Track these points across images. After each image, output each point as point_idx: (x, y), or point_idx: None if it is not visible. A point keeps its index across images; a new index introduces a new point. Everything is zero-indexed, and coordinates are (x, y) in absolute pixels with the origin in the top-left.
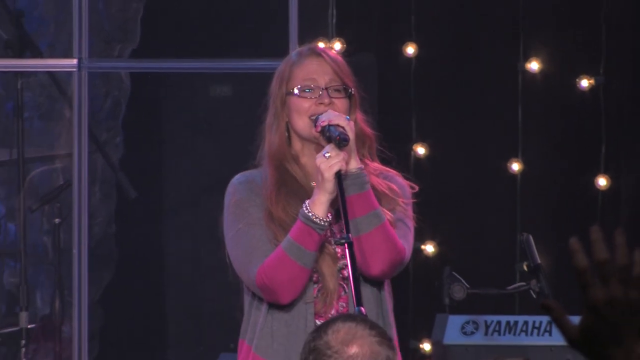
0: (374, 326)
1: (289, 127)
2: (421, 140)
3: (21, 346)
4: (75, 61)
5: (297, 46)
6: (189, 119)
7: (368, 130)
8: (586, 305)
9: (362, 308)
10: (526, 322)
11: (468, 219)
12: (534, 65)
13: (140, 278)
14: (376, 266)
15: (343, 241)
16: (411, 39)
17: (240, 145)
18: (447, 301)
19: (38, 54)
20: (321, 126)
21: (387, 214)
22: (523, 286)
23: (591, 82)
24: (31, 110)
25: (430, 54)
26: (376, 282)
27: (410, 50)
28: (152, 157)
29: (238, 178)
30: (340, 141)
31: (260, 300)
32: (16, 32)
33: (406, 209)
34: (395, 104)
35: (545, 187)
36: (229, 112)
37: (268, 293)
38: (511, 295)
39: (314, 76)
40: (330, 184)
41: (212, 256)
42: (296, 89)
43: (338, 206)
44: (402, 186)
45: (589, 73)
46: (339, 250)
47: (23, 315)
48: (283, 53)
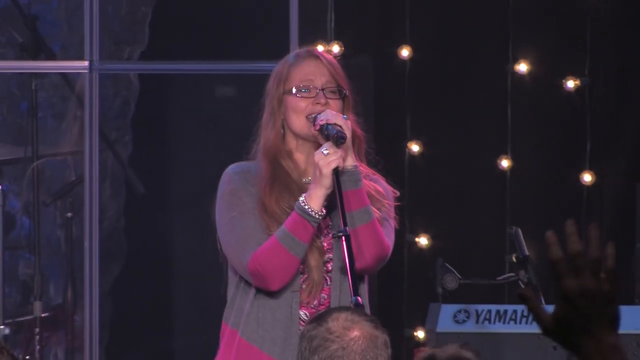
0: (367, 314)
1: (285, 125)
2: (415, 138)
3: (35, 334)
4: (86, 63)
5: (298, 48)
6: (195, 118)
7: (359, 131)
8: (559, 295)
9: (359, 298)
10: (515, 311)
11: (460, 213)
12: (523, 67)
13: (148, 270)
14: (364, 260)
15: (341, 234)
16: (406, 42)
17: (243, 143)
18: (440, 291)
19: (51, 56)
20: (319, 125)
21: (376, 213)
22: (512, 277)
23: (577, 83)
24: (45, 109)
25: (424, 57)
26: (359, 276)
27: (405, 52)
28: (160, 155)
29: (233, 168)
30: (337, 139)
31: (247, 287)
32: (31, 36)
33: (389, 210)
34: (390, 104)
35: (533, 183)
36: (233, 112)
37: (259, 279)
38: (501, 285)
39: (311, 77)
40: (327, 180)
41: (216, 249)
42: (294, 89)
43: (327, 202)
44: (386, 189)
45: (575, 74)
46: (325, 244)
47: (37, 304)
48: (284, 55)
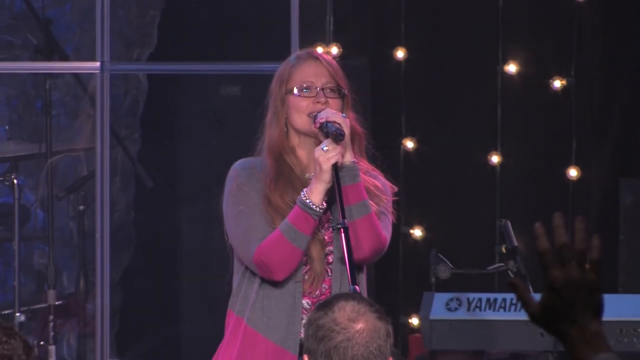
0: (372, 304)
1: (288, 123)
2: (410, 135)
3: (49, 321)
4: (98, 64)
5: (298, 50)
6: (201, 116)
7: (358, 128)
8: (546, 284)
9: (357, 287)
10: (504, 299)
11: (452, 206)
12: (512, 67)
13: (156, 260)
14: (362, 251)
15: (339, 226)
16: (401, 44)
17: (247, 140)
18: (433, 280)
19: (64, 58)
20: (320, 122)
21: (373, 206)
22: (502, 267)
23: (563, 83)
24: (58, 108)
25: (418, 58)
26: (357, 267)
27: (400, 54)
28: (168, 151)
29: (240, 164)
30: (336, 136)
31: (252, 277)
32: (45, 38)
33: (387, 205)
34: (386, 103)
35: (521, 178)
36: (238, 110)
37: (264, 270)
38: (491, 274)
39: (312, 78)
40: (327, 175)
41: (222, 240)
42: (295, 89)
43: (327, 197)
44: (385, 185)
45: (561, 74)
46: (327, 237)
47: (51, 293)
48: (286, 56)
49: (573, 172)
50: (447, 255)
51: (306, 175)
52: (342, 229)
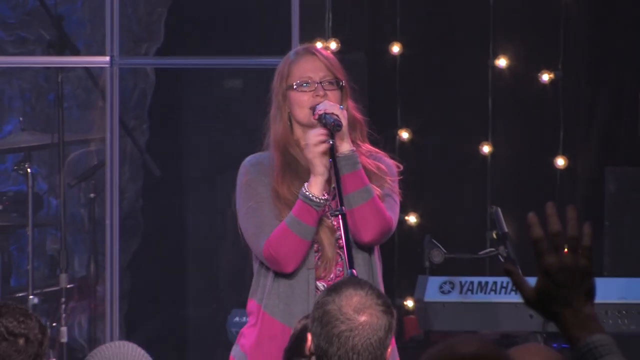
0: (380, 295)
1: (291, 117)
2: (405, 126)
3: (61, 303)
4: (107, 58)
5: (299, 45)
6: (206, 108)
7: (358, 115)
8: (541, 270)
9: (354, 270)
10: (495, 283)
11: (445, 194)
12: (502, 61)
13: (163, 246)
14: (367, 234)
15: (337, 213)
16: (396, 40)
17: (249, 130)
18: (427, 264)
19: (76, 52)
20: (318, 114)
21: (377, 190)
22: (492, 251)
23: (551, 76)
24: (70, 100)
25: (413, 52)
26: (367, 249)
27: (395, 49)
28: (174, 141)
29: (249, 160)
30: (334, 127)
31: (268, 267)
32: (57, 34)
33: (393, 186)
34: (383, 95)
35: (511, 167)
36: (240, 102)
37: (273, 263)
38: (482, 259)
39: (310, 73)
40: (319, 168)
41: (225, 226)
42: (295, 84)
43: (334, 186)
44: (389, 165)
45: (549, 68)
46: (335, 223)
47: (63, 277)
48: (286, 51)
49: (560, 162)
50: (441, 240)
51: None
52: (340, 216)
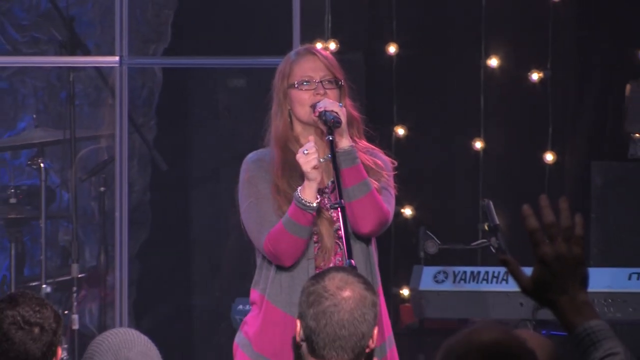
0: (361, 276)
1: (291, 114)
2: (401, 123)
3: (73, 292)
4: (117, 58)
5: (300, 45)
6: (211, 106)
7: (356, 113)
8: (537, 259)
9: (352, 260)
10: (487, 272)
11: (439, 188)
12: (494, 61)
13: (170, 237)
14: (366, 226)
15: (337, 206)
16: (393, 40)
17: (252, 127)
18: (422, 255)
19: (86, 52)
20: (318, 112)
21: (374, 183)
22: (484, 243)
23: (540, 76)
24: (81, 98)
25: (408, 53)
26: (365, 239)
27: (392, 49)
28: (180, 137)
29: (251, 156)
30: (334, 124)
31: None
32: (69, 35)
33: (389, 180)
34: (379, 94)
35: (502, 161)
36: (244, 100)
37: (273, 258)
38: (475, 250)
39: (310, 72)
40: (311, 174)
41: (230, 219)
42: (296, 83)
43: (334, 178)
44: (385, 161)
45: (539, 68)
46: (334, 215)
47: (74, 266)
48: (288, 51)
49: (549, 157)
50: (435, 232)
51: None
52: (340, 208)
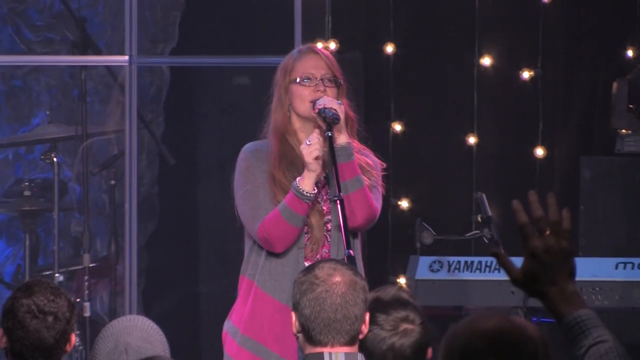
0: (348, 264)
1: (290, 109)
2: (398, 119)
3: (84, 281)
4: (126, 57)
5: (301, 44)
6: (216, 103)
7: (351, 113)
8: (527, 252)
9: (351, 251)
10: (480, 262)
11: (435, 181)
12: (486, 60)
13: (177, 228)
14: (356, 220)
15: (335, 198)
16: (390, 40)
17: (256, 123)
18: (418, 245)
19: (98, 52)
20: (318, 108)
21: (366, 181)
22: (477, 233)
23: (531, 74)
24: (92, 95)
25: (405, 52)
26: (353, 233)
27: (389, 48)
28: (187, 133)
29: (248, 147)
30: (333, 120)
31: (260, 246)
32: (81, 35)
33: (378, 179)
34: (377, 91)
35: (495, 156)
36: (248, 98)
37: (266, 243)
38: (468, 240)
39: (312, 70)
40: (313, 166)
41: (234, 210)
42: (298, 79)
43: (327, 173)
44: (375, 161)
45: (529, 66)
46: (325, 208)
47: (86, 256)
48: (289, 50)
49: (540, 151)
50: (430, 223)
51: None
52: (339, 201)
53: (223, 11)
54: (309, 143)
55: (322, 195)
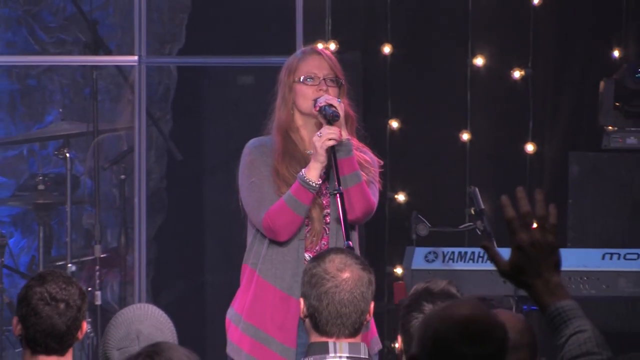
0: (358, 257)
1: (294, 107)
2: (395, 116)
3: (95, 271)
4: (136, 58)
5: (302, 46)
6: (221, 101)
7: (351, 112)
8: (513, 245)
9: (350, 242)
10: (473, 253)
11: (430, 175)
12: (479, 60)
13: (184, 220)
14: (353, 213)
15: (336, 192)
16: (388, 41)
17: (260, 120)
18: (414, 237)
19: (108, 52)
20: (319, 106)
21: (364, 176)
22: (471, 226)
23: (522, 73)
24: (103, 94)
25: (402, 52)
26: (351, 226)
27: (387, 49)
28: (194, 130)
29: (253, 142)
30: (333, 117)
31: (263, 236)
32: (92, 36)
33: (375, 175)
34: (375, 90)
35: (487, 152)
36: (251, 96)
37: (270, 233)
38: (462, 232)
39: (315, 70)
40: (322, 156)
41: (238, 204)
42: (301, 78)
43: (327, 169)
44: (373, 159)
45: (520, 66)
46: (325, 202)
47: (97, 247)
48: (292, 51)
49: (530, 147)
50: (426, 216)
51: (308, 151)
52: (338, 195)
53: (228, 14)
54: (320, 135)
55: (322, 189)
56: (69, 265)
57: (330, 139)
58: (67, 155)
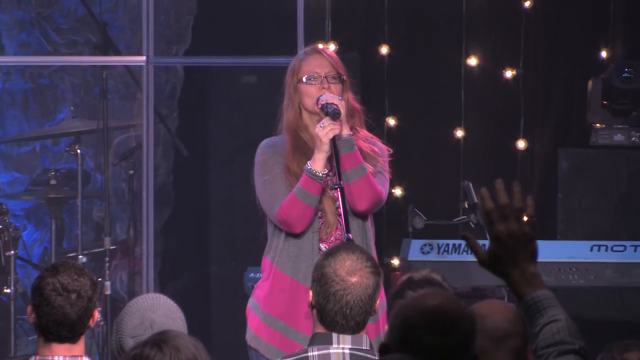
0: (369, 258)
1: (300, 106)
2: (392, 114)
3: (105, 262)
4: (144, 58)
5: (303, 46)
6: (226, 100)
7: (357, 105)
8: (491, 236)
9: (350, 235)
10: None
11: (426, 170)
12: (473, 60)
13: (190, 214)
14: (361, 204)
15: (336, 186)
16: (385, 42)
17: (262, 118)
18: (411, 229)
19: (117, 53)
20: (321, 104)
21: (370, 168)
22: (464, 219)
23: (513, 73)
24: (113, 93)
25: (398, 53)
26: (362, 216)
27: (384, 50)
28: (199, 127)
29: (265, 142)
30: (334, 114)
31: (279, 231)
32: (102, 37)
33: (384, 165)
34: (373, 88)
35: (480, 148)
36: (255, 95)
37: (285, 225)
38: (456, 225)
39: (317, 69)
40: (325, 146)
41: (243, 199)
42: (304, 78)
43: (336, 164)
44: (382, 149)
45: (512, 66)
46: (336, 194)
47: (107, 240)
48: (294, 51)
49: (521, 144)
50: (422, 209)
51: None
52: (339, 189)
53: (232, 16)
54: (323, 126)
55: (333, 182)
56: (80, 256)
57: (332, 129)
58: (78, 151)
